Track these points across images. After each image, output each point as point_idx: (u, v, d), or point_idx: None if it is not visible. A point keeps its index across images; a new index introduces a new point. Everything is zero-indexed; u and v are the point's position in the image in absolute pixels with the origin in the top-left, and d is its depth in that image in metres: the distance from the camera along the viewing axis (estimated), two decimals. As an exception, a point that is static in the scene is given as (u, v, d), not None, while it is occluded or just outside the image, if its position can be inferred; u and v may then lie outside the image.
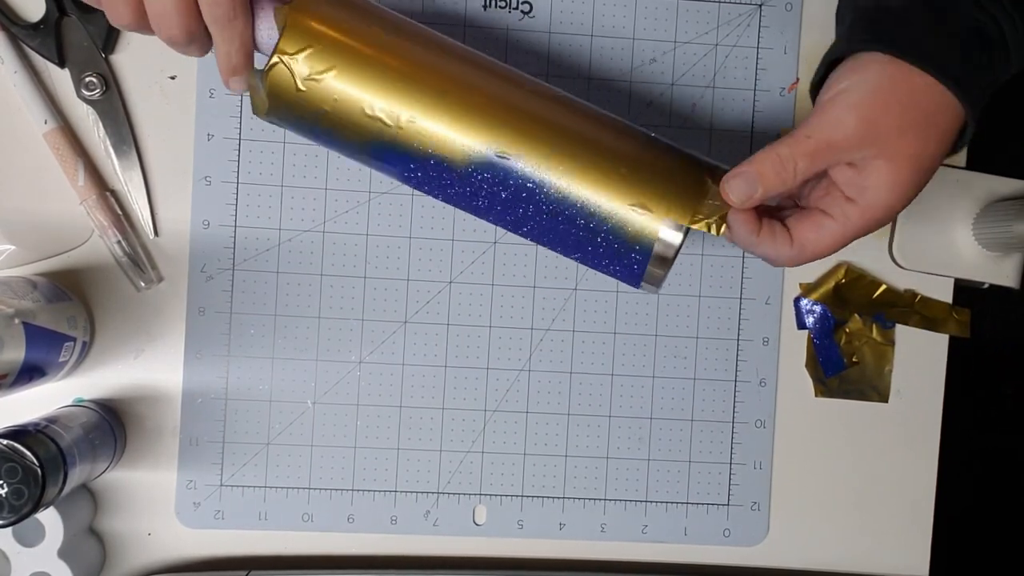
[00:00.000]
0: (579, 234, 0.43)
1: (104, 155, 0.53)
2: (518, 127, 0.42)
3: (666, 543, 0.56)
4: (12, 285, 0.48)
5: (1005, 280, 0.56)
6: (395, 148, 0.42)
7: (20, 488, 0.43)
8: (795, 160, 0.40)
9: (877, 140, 0.39)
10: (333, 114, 0.41)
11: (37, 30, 0.52)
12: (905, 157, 0.40)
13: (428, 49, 0.42)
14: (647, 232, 0.42)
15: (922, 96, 0.40)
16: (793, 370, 0.57)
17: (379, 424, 0.55)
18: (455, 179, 0.42)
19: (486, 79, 0.42)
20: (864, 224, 0.41)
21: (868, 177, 0.40)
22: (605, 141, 0.42)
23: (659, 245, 0.42)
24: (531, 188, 0.42)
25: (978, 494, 0.84)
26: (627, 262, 0.43)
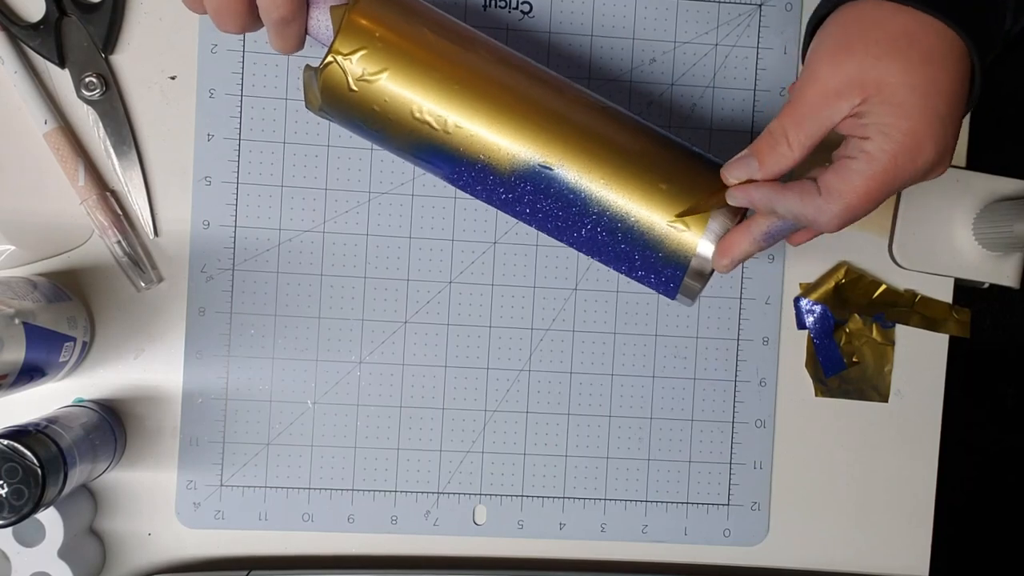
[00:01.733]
0: (619, 247, 0.43)
1: (104, 155, 0.53)
2: (562, 138, 0.42)
3: (666, 543, 0.56)
4: (12, 285, 0.48)
5: (1005, 280, 0.56)
6: (441, 151, 0.43)
7: (20, 488, 0.43)
8: (784, 130, 0.39)
9: (855, 80, 0.37)
10: (382, 114, 0.42)
11: (37, 30, 0.52)
12: (894, 84, 0.37)
13: (476, 54, 0.42)
14: (685, 248, 0.42)
15: (890, 22, 0.37)
16: (793, 370, 0.57)
17: (379, 424, 0.55)
18: (499, 185, 0.43)
19: (530, 87, 0.43)
20: (890, 155, 0.38)
21: (870, 115, 0.38)
22: (647, 156, 0.43)
23: (696, 260, 0.43)
24: (572, 199, 0.43)
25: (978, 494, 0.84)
26: (665, 276, 0.44)
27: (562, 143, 0.42)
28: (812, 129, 0.39)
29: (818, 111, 0.38)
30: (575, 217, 0.43)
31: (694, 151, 0.44)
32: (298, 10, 0.41)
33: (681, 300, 0.45)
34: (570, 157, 0.42)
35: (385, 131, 0.43)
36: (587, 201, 0.43)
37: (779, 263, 0.56)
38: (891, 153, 0.38)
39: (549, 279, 0.55)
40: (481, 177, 0.43)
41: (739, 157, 0.41)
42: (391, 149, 0.45)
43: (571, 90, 0.44)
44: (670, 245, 0.43)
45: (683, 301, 0.45)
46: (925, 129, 0.38)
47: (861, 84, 0.37)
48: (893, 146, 0.38)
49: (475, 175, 0.43)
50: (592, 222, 0.43)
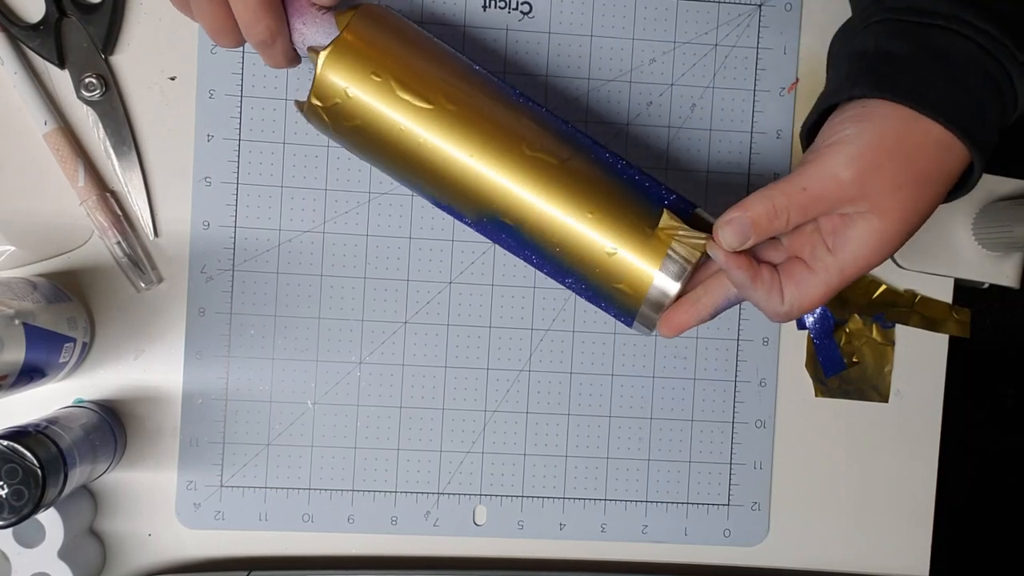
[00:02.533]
0: (577, 287, 0.46)
1: (104, 156, 0.53)
2: (516, 204, 0.44)
3: (666, 543, 0.56)
4: (12, 286, 0.48)
5: (1005, 280, 0.56)
6: (414, 189, 0.47)
7: (20, 489, 0.43)
8: (789, 211, 0.40)
9: (870, 195, 0.39)
10: (360, 149, 0.46)
11: (37, 31, 0.52)
12: (896, 213, 0.39)
13: (440, 112, 0.44)
14: (631, 307, 0.45)
15: (926, 150, 0.39)
16: (793, 370, 0.57)
17: (379, 424, 0.55)
18: (468, 223, 0.46)
19: (490, 152, 0.44)
20: (842, 279, 0.40)
21: (853, 229, 0.39)
22: (597, 221, 0.44)
23: (639, 319, 0.45)
24: (529, 248, 0.46)
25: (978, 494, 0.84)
26: (620, 319, 0.46)
27: (517, 208, 0.44)
28: (811, 216, 0.40)
29: (827, 206, 0.39)
30: (536, 258, 0.46)
31: (650, 195, 0.45)
32: (277, 33, 0.43)
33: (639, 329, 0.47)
34: (524, 220, 0.44)
35: (370, 160, 0.47)
36: (542, 253, 0.45)
37: (779, 263, 0.56)
38: (844, 277, 0.40)
39: (549, 279, 0.55)
40: (453, 213, 0.46)
41: (734, 220, 0.40)
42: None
43: (538, 140, 0.44)
44: (617, 304, 0.45)
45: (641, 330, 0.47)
46: (883, 258, 0.40)
47: (878, 202, 0.39)
48: (849, 273, 0.40)
49: (448, 210, 0.46)
50: (550, 268, 0.46)
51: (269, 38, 0.43)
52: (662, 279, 0.43)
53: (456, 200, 0.45)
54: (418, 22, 0.54)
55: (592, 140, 0.46)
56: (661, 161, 0.55)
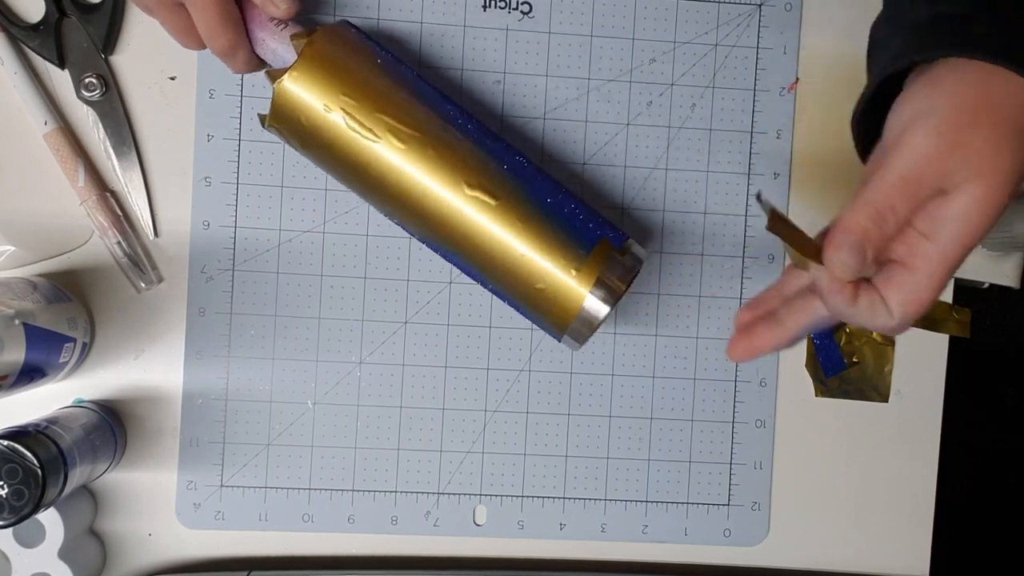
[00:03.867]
0: (515, 308, 0.50)
1: (104, 156, 0.53)
2: (452, 237, 0.47)
3: (666, 543, 0.56)
4: (12, 286, 0.48)
5: (1005, 280, 0.56)
6: (370, 203, 0.51)
7: (20, 489, 0.43)
8: (892, 205, 0.35)
9: (970, 160, 0.34)
10: (317, 164, 0.50)
11: (37, 31, 0.52)
12: (999, 174, 0.34)
13: (383, 146, 0.46)
14: (559, 332, 0.48)
15: (1015, 102, 0.35)
16: (793, 370, 0.57)
17: (379, 424, 0.55)
18: (417, 238, 0.51)
19: (428, 186, 0.47)
20: (948, 265, 0.35)
21: (951, 205, 0.35)
22: (526, 259, 0.47)
23: (567, 339, 0.49)
24: (468, 272, 0.49)
25: (978, 494, 0.84)
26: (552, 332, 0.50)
27: (454, 241, 0.48)
28: (919, 199, 0.36)
29: (929, 182, 0.35)
30: (480, 281, 0.50)
31: (585, 229, 0.47)
32: (237, 46, 0.46)
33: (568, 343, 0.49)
34: (461, 251, 0.48)
35: (328, 173, 0.50)
36: (481, 279, 0.49)
37: (779, 263, 0.56)
38: (949, 261, 0.36)
39: (549, 279, 0.55)
40: (403, 228, 0.50)
41: (842, 243, 0.36)
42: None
43: (477, 179, 0.47)
44: (548, 325, 0.49)
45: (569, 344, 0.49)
46: (988, 228, 0.35)
47: (978, 165, 0.35)
48: (953, 255, 0.35)
49: (399, 225, 0.50)
50: (492, 290, 0.50)
51: (230, 50, 0.46)
52: (588, 307, 0.46)
53: (403, 221, 0.49)
54: (417, 23, 0.54)
55: (535, 171, 0.48)
56: (661, 161, 0.55)
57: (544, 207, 0.47)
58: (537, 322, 0.49)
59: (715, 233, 0.56)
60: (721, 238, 0.56)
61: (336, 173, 0.49)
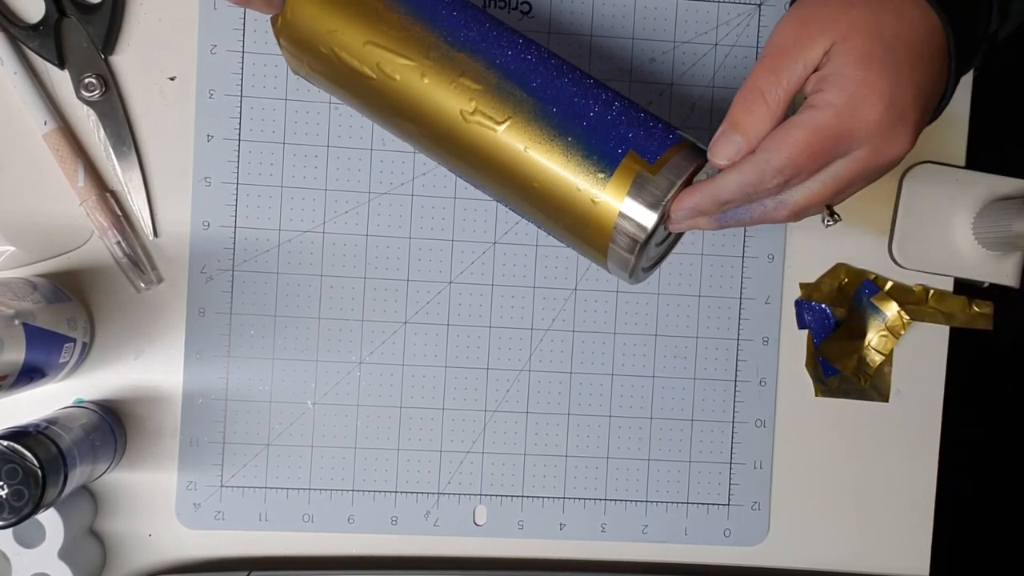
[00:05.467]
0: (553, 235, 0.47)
1: (104, 156, 0.53)
2: (463, 168, 0.45)
3: (666, 543, 0.56)
4: (12, 286, 0.48)
5: (1005, 279, 0.56)
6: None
7: (20, 489, 0.43)
8: (759, 88, 0.37)
9: (825, 27, 0.37)
10: (342, 101, 0.49)
11: (36, 31, 0.52)
12: (860, 30, 0.36)
13: (381, 94, 0.45)
14: (601, 260, 0.44)
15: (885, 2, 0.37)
16: (793, 370, 0.57)
17: (379, 424, 0.55)
18: (448, 169, 0.48)
19: (428, 120, 0.44)
20: (835, 108, 0.36)
21: (830, 64, 0.37)
22: (540, 191, 0.43)
23: (612, 265, 0.44)
24: (495, 198, 0.47)
25: (978, 494, 0.84)
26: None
27: (466, 170, 0.46)
28: (787, 78, 0.37)
29: (791, 55, 0.37)
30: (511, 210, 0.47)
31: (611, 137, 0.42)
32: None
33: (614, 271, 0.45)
34: (476, 180, 0.46)
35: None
36: (509, 206, 0.47)
37: (779, 263, 0.56)
38: (836, 107, 0.36)
39: (549, 279, 0.55)
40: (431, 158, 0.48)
41: (720, 135, 0.39)
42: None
43: (477, 101, 0.42)
44: (588, 254, 0.45)
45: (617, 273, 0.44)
46: (879, 83, 0.36)
47: (833, 27, 0.37)
48: (841, 98, 0.36)
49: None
50: (525, 218, 0.47)
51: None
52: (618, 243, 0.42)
53: (423, 152, 0.48)
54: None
55: (548, 76, 0.43)
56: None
57: (557, 123, 0.41)
58: (579, 251, 0.45)
59: (715, 232, 0.56)
60: (721, 238, 0.56)
61: (356, 107, 0.48)
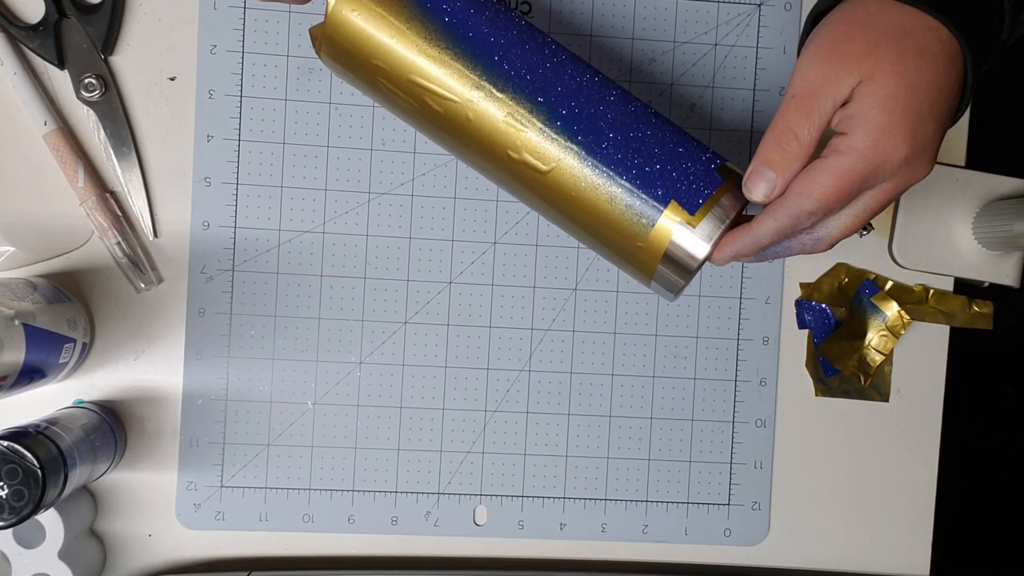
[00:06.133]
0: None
1: (104, 156, 0.53)
2: (510, 193, 0.46)
3: (667, 543, 0.56)
4: (12, 287, 0.48)
5: (1005, 279, 0.56)
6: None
7: (20, 490, 0.43)
8: (789, 125, 0.38)
9: (851, 65, 0.38)
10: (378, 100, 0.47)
11: (36, 31, 0.52)
12: (884, 73, 0.37)
13: (424, 120, 0.44)
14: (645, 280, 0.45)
15: (886, 14, 0.38)
16: (793, 370, 0.57)
17: (379, 425, 0.55)
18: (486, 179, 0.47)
19: (473, 152, 0.44)
20: (861, 152, 0.38)
21: (855, 105, 0.38)
22: (585, 231, 0.44)
23: (659, 287, 0.44)
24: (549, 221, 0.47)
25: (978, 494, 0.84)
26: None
27: (514, 195, 0.46)
28: (817, 117, 0.38)
29: (820, 95, 0.38)
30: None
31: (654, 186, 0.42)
32: None
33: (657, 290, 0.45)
34: (527, 205, 0.46)
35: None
36: (555, 225, 0.46)
37: (779, 263, 0.56)
38: (862, 151, 0.38)
39: (549, 279, 0.55)
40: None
41: (753, 172, 0.40)
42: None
43: (524, 142, 0.42)
44: (633, 274, 0.45)
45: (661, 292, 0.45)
46: (901, 124, 0.38)
47: (859, 67, 0.38)
48: (867, 140, 0.38)
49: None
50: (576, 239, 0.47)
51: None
52: (670, 264, 0.42)
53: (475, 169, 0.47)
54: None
55: (594, 113, 0.42)
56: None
57: (601, 169, 0.42)
58: (624, 269, 0.46)
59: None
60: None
61: (391, 106, 0.46)
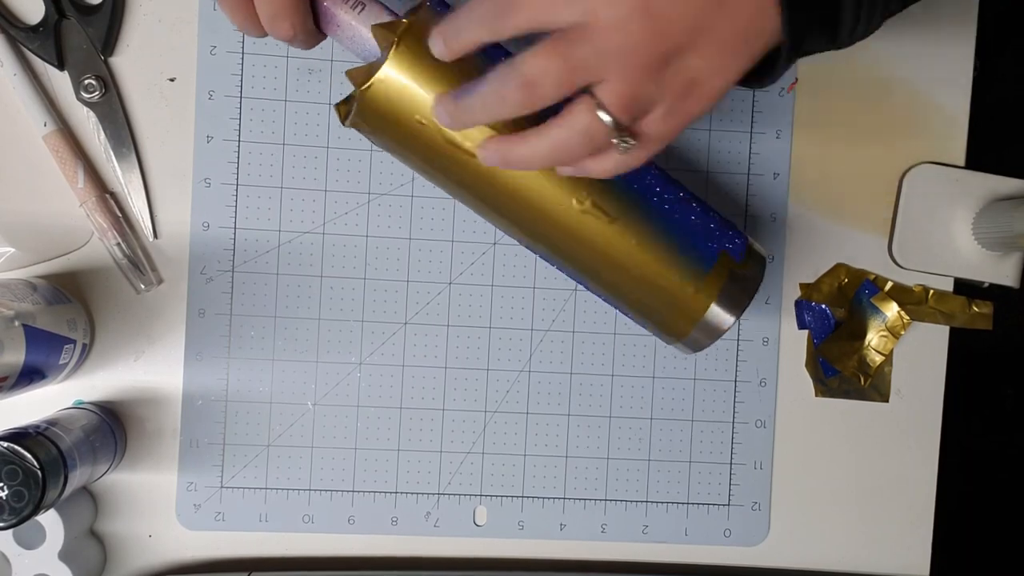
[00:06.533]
0: (622, 313, 0.49)
1: (104, 157, 0.53)
2: (562, 249, 0.45)
3: (667, 543, 0.56)
4: (12, 287, 0.48)
5: (1005, 280, 0.56)
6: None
7: (20, 490, 0.43)
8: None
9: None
10: (410, 166, 0.45)
11: (36, 32, 0.52)
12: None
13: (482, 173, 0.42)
14: (673, 341, 0.48)
15: None
16: (793, 370, 0.57)
17: (379, 425, 0.55)
18: (523, 244, 0.48)
19: (536, 203, 0.43)
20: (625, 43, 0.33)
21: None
22: (641, 278, 0.45)
23: (678, 348, 0.48)
24: (575, 280, 0.47)
25: (978, 494, 0.84)
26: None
27: (563, 252, 0.45)
28: None
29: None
30: (584, 287, 0.48)
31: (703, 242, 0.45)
32: (301, 30, 0.41)
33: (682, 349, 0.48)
34: (573, 262, 0.46)
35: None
36: (589, 288, 0.48)
37: (779, 263, 0.56)
38: (581, 31, 0.34)
39: (549, 280, 0.55)
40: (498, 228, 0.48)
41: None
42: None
43: (588, 191, 0.43)
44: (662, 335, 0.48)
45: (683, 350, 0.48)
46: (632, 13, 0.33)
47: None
48: (581, 27, 0.34)
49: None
50: (601, 298, 0.48)
51: (291, 35, 0.41)
52: (709, 321, 0.45)
53: (508, 231, 0.46)
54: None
55: (651, 175, 0.45)
56: (660, 162, 0.55)
57: (661, 219, 0.44)
58: (650, 330, 0.48)
59: (715, 233, 0.56)
60: (721, 238, 0.56)
61: (433, 181, 0.45)
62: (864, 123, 0.56)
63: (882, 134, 0.56)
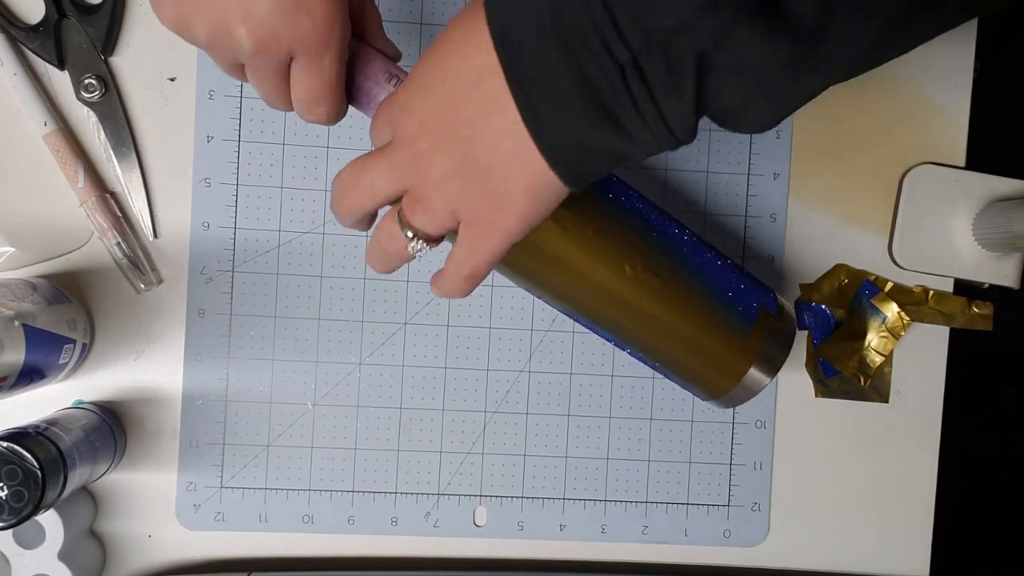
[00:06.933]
0: (667, 377, 0.50)
1: (104, 157, 0.53)
2: (612, 316, 0.46)
3: (666, 544, 0.56)
4: (12, 287, 0.48)
5: (1005, 280, 0.56)
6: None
7: (20, 490, 0.43)
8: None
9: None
10: None
11: (36, 32, 0.52)
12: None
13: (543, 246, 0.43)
14: (715, 401, 0.49)
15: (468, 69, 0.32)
16: (793, 370, 0.57)
17: (379, 425, 0.55)
18: (567, 315, 0.49)
19: (590, 270, 0.44)
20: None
21: None
22: (691, 338, 0.46)
23: (717, 403, 0.49)
24: (622, 346, 0.48)
25: (978, 494, 0.84)
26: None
27: (614, 318, 0.46)
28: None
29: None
30: (630, 355, 0.49)
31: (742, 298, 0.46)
32: (335, 116, 0.40)
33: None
34: (621, 329, 0.47)
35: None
36: (637, 354, 0.49)
37: (779, 263, 0.56)
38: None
39: (549, 280, 0.55)
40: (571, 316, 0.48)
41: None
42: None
43: (640, 257, 0.44)
44: (705, 395, 0.49)
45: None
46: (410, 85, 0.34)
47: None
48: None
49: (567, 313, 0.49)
50: (645, 362, 0.49)
51: (326, 120, 0.40)
52: (750, 379, 0.47)
53: (552, 300, 0.47)
54: (417, 24, 0.54)
55: (693, 238, 0.47)
56: (661, 162, 0.55)
57: (705, 280, 0.46)
58: (689, 388, 0.49)
59: (715, 233, 0.56)
60: (721, 238, 0.56)
61: (511, 280, 0.47)
62: (864, 123, 0.56)
63: (882, 134, 0.56)
